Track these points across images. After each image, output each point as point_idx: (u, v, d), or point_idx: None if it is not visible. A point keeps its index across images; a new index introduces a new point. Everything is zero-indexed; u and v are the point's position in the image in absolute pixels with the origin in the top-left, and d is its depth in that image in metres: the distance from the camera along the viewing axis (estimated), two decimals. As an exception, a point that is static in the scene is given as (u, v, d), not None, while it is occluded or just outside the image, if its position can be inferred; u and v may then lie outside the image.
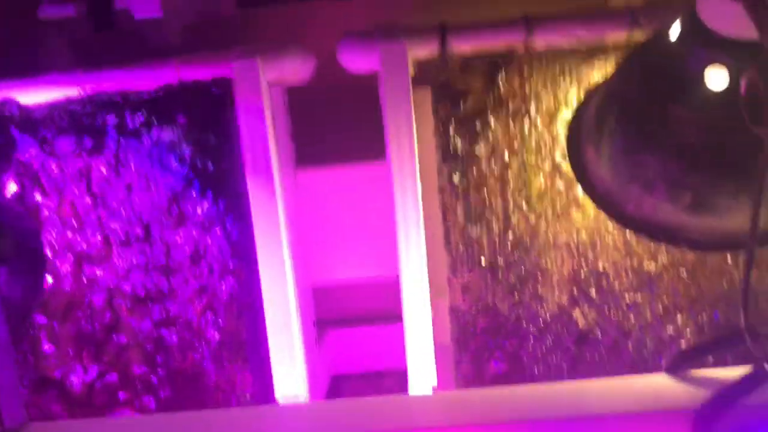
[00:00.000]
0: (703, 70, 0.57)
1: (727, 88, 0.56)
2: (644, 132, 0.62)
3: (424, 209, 0.81)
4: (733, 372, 0.57)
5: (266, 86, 0.79)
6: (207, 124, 0.82)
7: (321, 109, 0.96)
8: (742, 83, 0.51)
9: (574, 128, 0.74)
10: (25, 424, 0.61)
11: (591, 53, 0.79)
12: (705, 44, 0.56)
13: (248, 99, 0.78)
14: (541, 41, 0.77)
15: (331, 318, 1.06)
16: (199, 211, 0.83)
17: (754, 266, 0.61)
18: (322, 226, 0.94)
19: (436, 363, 0.84)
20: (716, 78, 0.56)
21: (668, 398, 0.58)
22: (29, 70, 0.89)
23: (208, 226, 0.84)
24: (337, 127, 0.96)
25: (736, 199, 0.60)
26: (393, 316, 1.02)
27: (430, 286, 0.83)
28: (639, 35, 0.76)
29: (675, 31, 0.60)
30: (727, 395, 0.53)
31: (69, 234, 0.85)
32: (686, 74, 0.58)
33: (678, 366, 0.61)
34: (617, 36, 0.77)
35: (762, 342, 0.54)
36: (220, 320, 0.85)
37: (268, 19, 0.95)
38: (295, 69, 0.80)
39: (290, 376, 0.83)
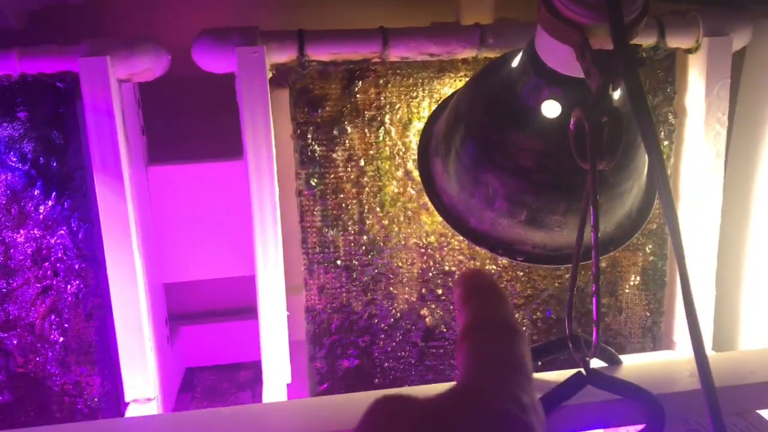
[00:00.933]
0: (538, 100, 0.62)
1: (560, 118, 0.61)
2: (486, 153, 0.66)
3: (281, 211, 0.82)
4: (560, 375, 0.64)
5: (116, 84, 0.76)
6: (50, 119, 0.78)
7: (175, 104, 0.94)
8: (572, 120, 0.56)
9: (424, 141, 0.78)
10: None
11: (442, 68, 0.83)
12: (541, 76, 0.61)
13: (97, 98, 0.75)
14: (395, 54, 0.80)
15: (183, 313, 1.05)
16: (42, 210, 0.79)
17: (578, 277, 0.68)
18: (174, 223, 0.93)
19: (291, 359, 0.86)
20: (550, 108, 0.61)
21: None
22: None
23: (52, 226, 0.80)
24: (191, 123, 0.95)
25: (565, 217, 0.66)
26: (245, 311, 1.03)
27: (287, 286, 0.84)
28: (487, 54, 0.81)
29: (516, 60, 0.65)
30: (550, 398, 0.59)
31: None
32: (524, 102, 0.63)
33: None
34: (467, 53, 0.81)
35: (581, 349, 0.61)
36: (65, 323, 0.82)
37: (119, 7, 0.91)
38: (148, 66, 0.78)
39: (141, 379, 0.82)
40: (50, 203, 0.79)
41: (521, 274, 0.88)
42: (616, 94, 0.60)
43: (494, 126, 0.66)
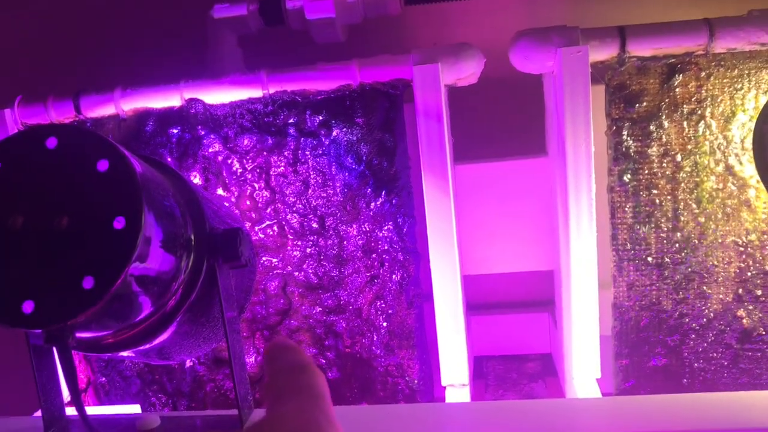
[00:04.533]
0: None
1: None
2: None
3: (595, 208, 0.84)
4: None
5: (444, 89, 0.82)
6: (383, 123, 0.85)
7: (477, 105, 0.99)
8: None
9: (759, 135, 0.74)
10: (252, 411, 0.66)
11: (773, 57, 0.78)
12: None
13: (428, 103, 0.81)
14: (721, 45, 0.77)
15: (473, 304, 1.10)
16: (372, 206, 0.87)
17: None
18: (476, 219, 0.97)
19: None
20: None
21: None
22: (202, 67, 0.94)
23: (381, 221, 0.88)
24: (489, 123, 0.99)
25: None
26: (535, 304, 1.05)
27: (597, 283, 0.85)
28: (829, 39, 0.75)
29: None
30: None
31: (247, 225, 0.90)
32: None
33: None
34: (804, 40, 0.76)
35: None
36: (389, 309, 0.89)
37: (431, 17, 0.97)
38: (473, 70, 0.82)
39: (457, 365, 0.88)
40: (380, 200, 0.87)
41: None
42: None
43: None
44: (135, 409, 0.90)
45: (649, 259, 0.86)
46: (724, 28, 0.77)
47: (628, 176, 0.84)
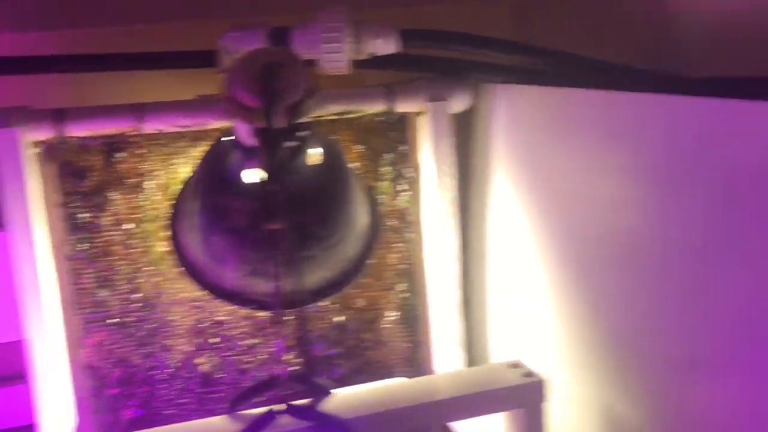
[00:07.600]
0: (241, 169, 0.71)
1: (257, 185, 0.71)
2: (210, 216, 0.76)
3: (57, 275, 0.89)
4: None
5: None
6: None
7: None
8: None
9: (176, 205, 0.86)
10: None
11: (197, 137, 0.92)
12: (239, 149, 0.71)
13: None
14: (150, 127, 0.89)
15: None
16: None
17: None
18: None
19: (77, 415, 0.91)
20: (250, 176, 0.71)
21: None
22: None
23: None
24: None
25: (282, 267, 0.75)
26: (12, 377, 1.07)
27: (66, 347, 0.90)
28: (227, 125, 0.90)
29: (228, 135, 0.75)
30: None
31: None
32: (232, 171, 0.73)
33: (237, 405, 0.75)
34: (217, 124, 0.90)
35: (283, 386, 0.70)
36: None
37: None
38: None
39: None
40: None
41: (290, 318, 0.97)
42: (316, 157, 0.71)
43: (214, 192, 0.76)
44: None
45: (113, 320, 0.93)
46: (150, 113, 0.88)
47: (85, 245, 0.91)
